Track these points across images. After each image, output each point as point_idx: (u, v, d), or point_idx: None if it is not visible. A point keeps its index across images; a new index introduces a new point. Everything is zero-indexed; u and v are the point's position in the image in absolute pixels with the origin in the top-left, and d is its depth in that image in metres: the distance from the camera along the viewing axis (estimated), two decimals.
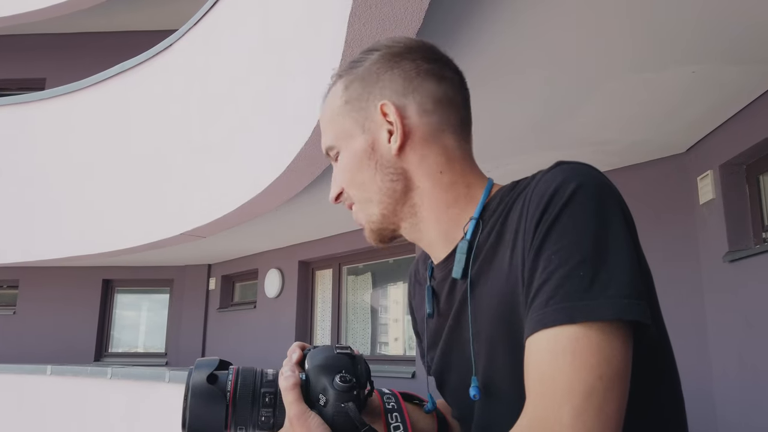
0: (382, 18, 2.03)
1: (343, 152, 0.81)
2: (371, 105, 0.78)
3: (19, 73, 8.31)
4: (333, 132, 0.82)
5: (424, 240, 0.81)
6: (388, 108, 0.77)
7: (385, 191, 0.78)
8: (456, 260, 0.74)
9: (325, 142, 0.83)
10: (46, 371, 5.76)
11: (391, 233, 0.82)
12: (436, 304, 0.81)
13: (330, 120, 0.82)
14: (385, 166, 0.78)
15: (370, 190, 0.79)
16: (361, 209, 0.81)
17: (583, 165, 0.68)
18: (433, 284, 0.82)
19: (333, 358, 0.71)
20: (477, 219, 0.74)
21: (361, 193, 0.80)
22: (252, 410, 0.69)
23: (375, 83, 0.79)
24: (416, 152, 0.77)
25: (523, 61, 2.68)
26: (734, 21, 2.37)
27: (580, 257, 0.61)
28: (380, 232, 0.81)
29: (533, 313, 0.62)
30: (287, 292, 6.68)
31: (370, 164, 0.78)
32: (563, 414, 0.56)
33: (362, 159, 0.78)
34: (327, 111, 0.83)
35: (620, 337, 0.59)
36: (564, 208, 0.63)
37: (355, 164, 0.79)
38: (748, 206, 3.29)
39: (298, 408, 0.67)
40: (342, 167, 0.81)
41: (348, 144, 0.80)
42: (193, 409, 0.67)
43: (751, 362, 3.12)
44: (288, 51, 3.49)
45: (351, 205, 0.83)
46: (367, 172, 0.78)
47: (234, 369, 0.70)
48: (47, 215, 6.12)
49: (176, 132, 5.16)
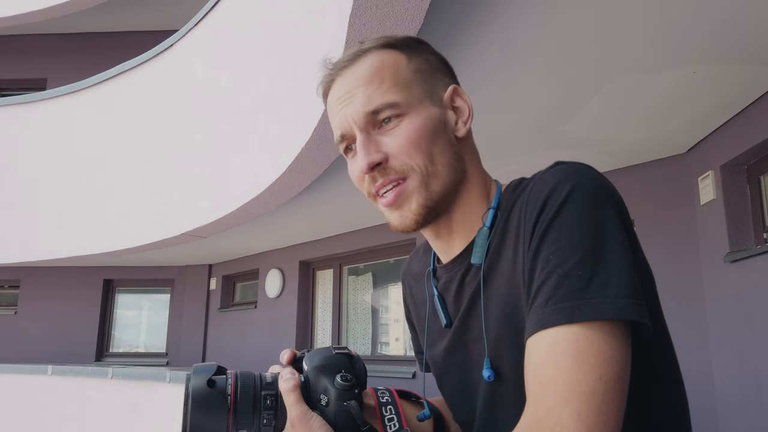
0: (382, 18, 2.03)
1: (411, 116, 0.73)
2: (439, 84, 0.77)
3: (20, 73, 8.31)
4: (401, 92, 0.73)
5: (447, 233, 0.79)
6: (459, 93, 0.78)
7: (451, 168, 0.75)
8: (476, 246, 0.74)
9: (387, 97, 0.73)
10: (47, 371, 5.76)
11: (435, 217, 0.76)
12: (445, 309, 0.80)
13: (395, 80, 0.74)
14: (452, 144, 0.76)
15: (439, 163, 0.73)
16: (423, 183, 0.73)
17: (580, 165, 0.68)
18: (437, 287, 0.82)
19: (332, 358, 0.72)
20: (495, 209, 0.75)
21: (428, 165, 0.73)
22: (253, 414, 0.68)
23: (438, 69, 0.79)
24: (470, 142, 0.79)
25: (523, 61, 2.68)
26: (734, 21, 2.37)
27: (578, 257, 0.61)
28: (431, 211, 0.74)
29: (533, 314, 0.62)
30: (288, 292, 6.68)
31: (443, 137, 0.75)
32: (564, 415, 0.56)
33: (437, 129, 0.74)
34: (387, 71, 0.74)
35: (619, 338, 0.59)
36: (560, 208, 0.63)
37: (429, 132, 0.73)
38: (749, 207, 3.29)
39: (299, 409, 0.67)
40: (407, 133, 0.72)
41: (420, 109, 0.74)
42: (193, 415, 0.66)
43: (751, 362, 3.11)
44: (288, 51, 3.49)
45: (394, 180, 0.73)
46: (439, 145, 0.74)
47: (232, 373, 0.70)
48: (48, 215, 6.13)
49: (177, 132, 5.16)
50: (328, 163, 3.52)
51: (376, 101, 0.73)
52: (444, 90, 0.77)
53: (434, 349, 0.83)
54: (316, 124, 2.92)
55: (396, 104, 0.73)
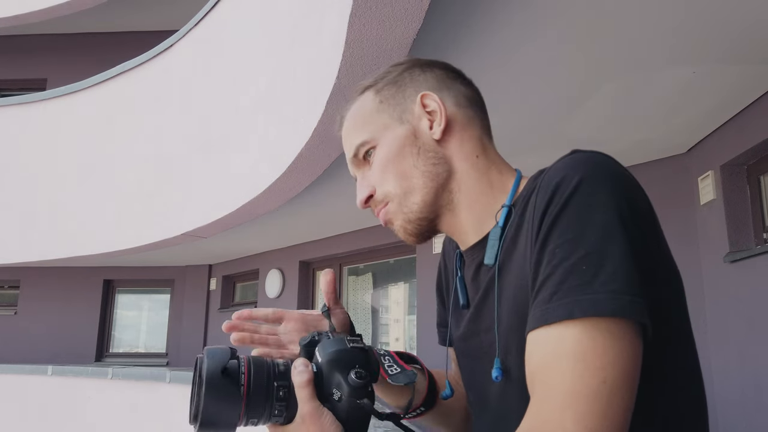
0: (382, 18, 2.03)
1: (381, 145, 0.80)
2: (408, 100, 0.82)
3: (20, 73, 8.31)
4: (367, 129, 0.82)
5: (459, 229, 0.81)
6: (428, 98, 0.80)
7: (428, 175, 0.78)
8: (489, 245, 0.75)
9: (357, 139, 0.82)
10: (47, 371, 5.77)
11: (429, 224, 0.81)
12: (464, 289, 0.83)
13: (363, 121, 0.83)
14: (427, 150, 0.79)
15: (412, 176, 0.78)
16: (399, 204, 0.80)
17: (595, 154, 0.66)
18: (461, 269, 0.84)
19: (347, 352, 0.70)
20: (509, 206, 0.75)
21: (401, 184, 0.79)
22: (265, 404, 0.67)
23: (409, 83, 0.83)
24: (455, 138, 0.80)
25: (523, 60, 2.68)
26: (734, 21, 2.37)
27: (584, 251, 0.59)
28: (419, 223, 0.80)
29: (536, 309, 0.61)
30: (288, 293, 6.68)
31: (413, 150, 0.79)
32: (566, 419, 0.55)
33: (404, 146, 0.79)
34: (357, 116, 0.84)
35: (627, 338, 0.58)
36: (569, 199, 0.62)
37: (396, 153, 0.79)
38: (749, 207, 3.29)
39: (311, 405, 0.67)
40: (379, 162, 0.80)
41: (387, 135, 0.80)
42: (207, 401, 0.65)
43: (751, 362, 3.11)
44: (288, 51, 3.49)
45: (381, 209, 0.81)
46: (409, 159, 0.79)
47: (245, 360, 0.68)
48: (48, 215, 6.13)
49: (177, 132, 5.16)
50: (328, 163, 3.52)
51: (351, 147, 0.83)
52: (414, 102, 0.81)
53: (455, 328, 0.86)
54: (316, 124, 2.92)
55: (364, 142, 0.82)
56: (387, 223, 0.82)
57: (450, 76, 0.84)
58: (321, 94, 2.74)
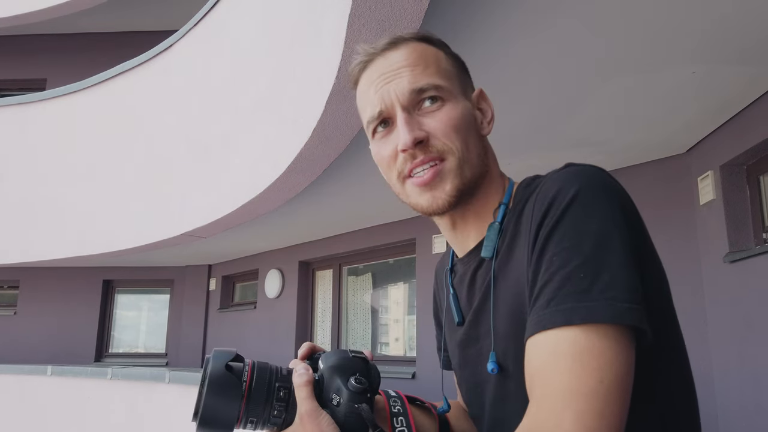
0: (381, 18, 2.03)
1: (451, 103, 0.77)
2: (468, 85, 0.83)
3: (19, 73, 8.31)
4: (444, 77, 0.78)
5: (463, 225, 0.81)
6: (485, 95, 0.84)
7: (480, 158, 0.79)
8: (486, 240, 0.76)
9: (434, 79, 0.77)
10: (47, 371, 5.77)
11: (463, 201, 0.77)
12: (458, 305, 0.82)
13: (439, 68, 0.78)
14: (479, 138, 0.80)
15: (473, 152, 0.78)
16: (458, 165, 0.75)
17: (590, 167, 0.68)
18: (454, 284, 0.84)
19: (348, 360, 0.73)
20: (506, 204, 0.77)
21: (464, 150, 0.76)
22: (265, 403, 0.69)
23: (465, 70, 0.84)
24: (488, 141, 0.83)
25: (523, 60, 2.68)
26: (734, 21, 2.37)
27: (581, 260, 0.61)
28: (461, 195, 0.76)
29: (534, 315, 0.62)
30: (287, 293, 6.68)
31: (475, 130, 0.80)
32: (564, 418, 0.56)
33: (472, 121, 0.79)
34: (432, 59, 0.79)
35: (621, 342, 0.59)
36: (566, 210, 0.64)
37: (467, 121, 0.78)
38: (749, 207, 3.29)
39: (310, 405, 0.68)
40: (448, 117, 0.76)
41: (459, 100, 0.79)
42: (207, 398, 0.67)
43: (751, 362, 3.11)
44: (288, 51, 3.49)
45: (435, 158, 0.75)
46: (473, 134, 0.79)
47: (250, 362, 0.71)
48: (48, 216, 6.13)
49: (177, 132, 5.16)
50: (327, 163, 3.52)
51: (422, 81, 0.76)
52: (472, 90, 0.83)
53: (451, 343, 0.85)
54: (316, 124, 2.92)
55: (441, 87, 0.77)
56: (432, 178, 0.75)
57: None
58: (321, 94, 2.74)
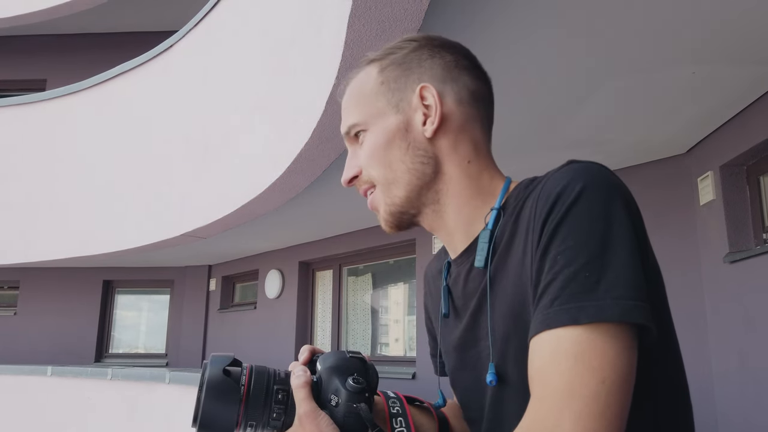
0: (381, 18, 2.03)
1: (371, 131, 0.79)
2: (408, 88, 0.79)
3: (19, 74, 8.31)
4: (362, 110, 0.80)
5: (444, 229, 0.80)
6: (427, 91, 0.77)
7: (413, 172, 0.77)
8: (478, 249, 0.74)
9: (350, 119, 0.81)
10: (47, 372, 5.76)
11: (410, 218, 0.80)
12: (452, 303, 0.81)
13: (359, 99, 0.81)
14: (417, 147, 0.77)
15: (398, 170, 0.77)
16: (382, 191, 0.79)
17: (593, 165, 0.67)
18: (449, 282, 0.83)
19: (345, 361, 0.73)
20: (498, 209, 0.75)
21: (386, 174, 0.78)
22: (264, 406, 0.69)
23: (415, 68, 0.79)
24: (448, 139, 0.78)
25: (523, 60, 2.68)
26: (734, 21, 2.37)
27: (586, 258, 0.60)
28: (400, 216, 0.79)
29: (538, 314, 0.62)
30: (287, 293, 6.68)
31: (402, 144, 0.77)
32: (564, 418, 0.56)
33: (394, 137, 0.78)
34: (356, 91, 0.82)
35: (625, 341, 0.58)
36: (570, 208, 0.63)
37: (384, 142, 0.78)
38: (749, 207, 3.29)
39: (308, 406, 0.68)
40: (367, 147, 0.79)
41: (379, 122, 0.78)
42: (206, 403, 0.67)
43: (751, 363, 3.11)
44: (288, 51, 3.49)
45: (367, 189, 0.81)
46: (397, 152, 0.77)
47: (248, 366, 0.71)
48: (48, 216, 6.13)
49: (177, 132, 5.16)
50: (327, 163, 3.52)
51: (347, 123, 0.82)
52: (413, 92, 0.78)
53: (446, 344, 0.84)
54: (316, 125, 2.92)
55: (356, 124, 0.80)
56: (370, 206, 0.81)
57: (460, 65, 0.80)
58: (321, 94, 2.74)
